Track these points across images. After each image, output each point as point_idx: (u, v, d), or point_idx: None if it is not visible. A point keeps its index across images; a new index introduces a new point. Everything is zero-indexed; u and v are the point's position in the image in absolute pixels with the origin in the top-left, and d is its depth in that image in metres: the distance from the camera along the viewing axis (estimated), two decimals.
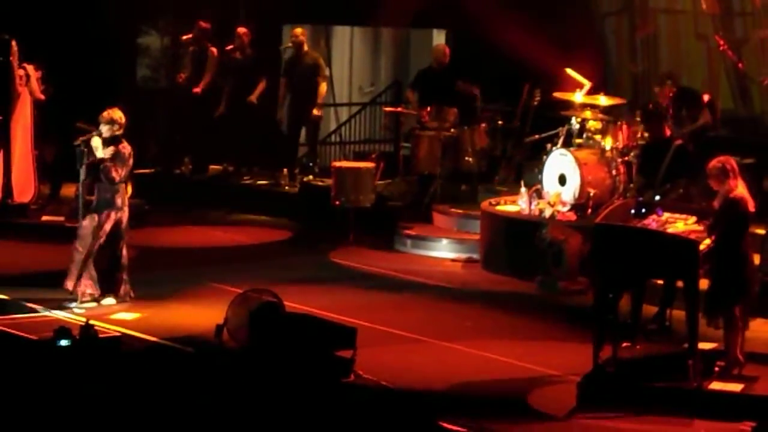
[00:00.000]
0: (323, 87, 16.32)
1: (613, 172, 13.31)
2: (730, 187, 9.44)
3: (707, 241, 9.41)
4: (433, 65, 15.89)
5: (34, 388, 8.82)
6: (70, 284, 11.40)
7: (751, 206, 9.46)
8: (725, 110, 14.97)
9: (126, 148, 11.49)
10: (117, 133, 11.49)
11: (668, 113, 12.83)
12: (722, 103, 15.00)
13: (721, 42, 14.69)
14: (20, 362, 9.49)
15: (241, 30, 16.53)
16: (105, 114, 11.51)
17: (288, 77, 16.31)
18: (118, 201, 11.52)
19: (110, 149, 11.40)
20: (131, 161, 11.55)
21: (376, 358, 9.90)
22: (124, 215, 11.54)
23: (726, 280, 9.36)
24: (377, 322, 11.03)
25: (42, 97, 14.80)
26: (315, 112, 16.30)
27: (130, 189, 11.66)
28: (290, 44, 16.37)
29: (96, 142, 11.41)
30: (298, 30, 16.36)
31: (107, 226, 11.45)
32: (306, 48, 16.28)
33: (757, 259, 10.77)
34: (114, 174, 11.40)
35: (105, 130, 11.47)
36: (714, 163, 9.59)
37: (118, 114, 11.52)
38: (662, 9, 16.39)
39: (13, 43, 14.58)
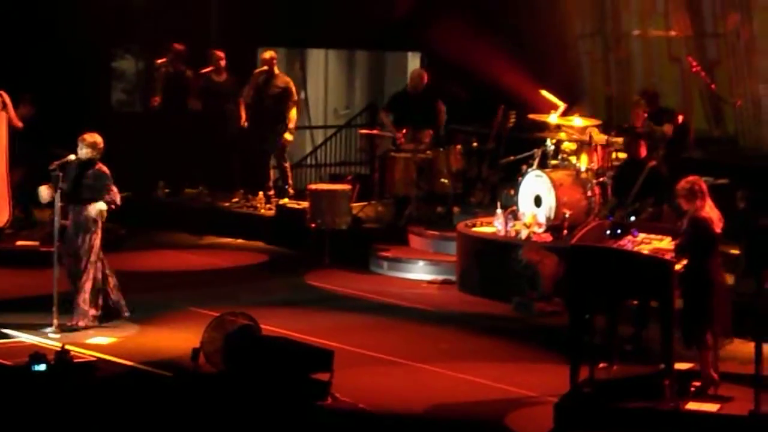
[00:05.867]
0: (294, 111, 16.28)
1: (589, 193, 13.35)
2: (696, 207, 9.49)
3: (684, 262, 9.44)
4: (408, 89, 15.91)
5: (8, 414, 8.77)
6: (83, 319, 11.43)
7: (717, 227, 9.49)
8: (699, 131, 15.07)
9: (104, 168, 11.52)
10: (95, 157, 11.51)
11: (642, 133, 12.92)
12: (696, 125, 15.11)
13: (694, 63, 14.78)
14: None
15: (218, 53, 16.55)
16: (87, 136, 11.53)
17: (257, 100, 16.27)
18: (89, 223, 11.47)
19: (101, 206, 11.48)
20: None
21: (352, 381, 9.89)
22: (96, 237, 11.49)
23: (694, 301, 9.39)
24: (353, 345, 11.02)
25: (20, 125, 14.74)
26: (287, 137, 16.25)
27: (105, 213, 11.63)
28: (265, 67, 16.31)
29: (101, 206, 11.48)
30: (268, 54, 16.33)
31: (82, 251, 11.42)
32: (277, 71, 16.27)
33: (730, 279, 10.82)
34: (115, 196, 11.44)
35: (84, 152, 11.48)
36: (683, 183, 9.64)
37: (99, 139, 11.57)
38: (635, 31, 16.48)
39: None
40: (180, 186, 17.04)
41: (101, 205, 11.49)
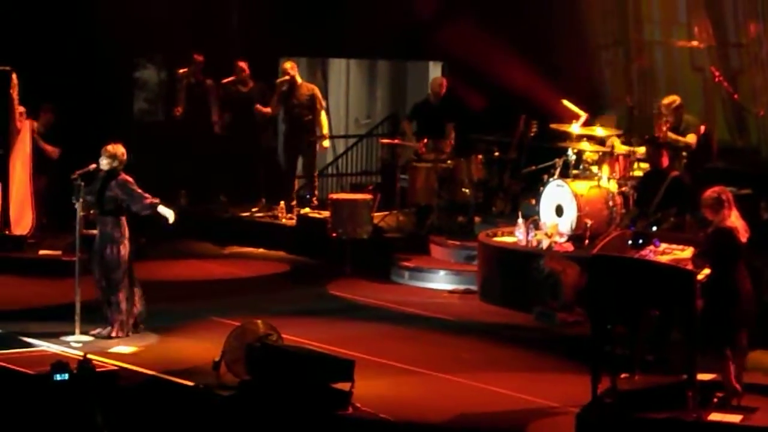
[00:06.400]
0: (324, 117, 16.35)
1: (610, 203, 13.32)
2: (722, 217, 9.45)
3: (706, 271, 9.41)
4: (429, 98, 15.95)
5: (31, 424, 8.79)
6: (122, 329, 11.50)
7: (743, 237, 9.45)
8: (722, 141, 15.00)
9: (127, 177, 11.57)
10: (117, 167, 11.56)
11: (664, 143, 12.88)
12: (719, 135, 15.05)
13: (717, 73, 14.73)
14: (17, 397, 9.45)
15: (242, 63, 16.61)
16: (109, 147, 11.59)
17: (284, 109, 16.36)
18: (116, 234, 11.54)
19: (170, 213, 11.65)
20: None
21: (373, 390, 9.88)
22: (124, 248, 11.54)
23: (716, 311, 9.35)
24: (374, 354, 11.02)
25: (54, 152, 14.91)
26: (325, 144, 16.40)
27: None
28: (287, 77, 16.33)
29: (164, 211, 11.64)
30: (288, 64, 16.37)
31: (111, 262, 11.46)
32: (300, 80, 16.30)
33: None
34: (144, 196, 11.51)
35: (105, 163, 11.55)
36: (709, 193, 9.60)
37: (121, 150, 11.61)
38: (657, 41, 16.45)
39: (14, 76, 14.54)
40: (202, 195, 17.07)
41: (169, 213, 11.65)
